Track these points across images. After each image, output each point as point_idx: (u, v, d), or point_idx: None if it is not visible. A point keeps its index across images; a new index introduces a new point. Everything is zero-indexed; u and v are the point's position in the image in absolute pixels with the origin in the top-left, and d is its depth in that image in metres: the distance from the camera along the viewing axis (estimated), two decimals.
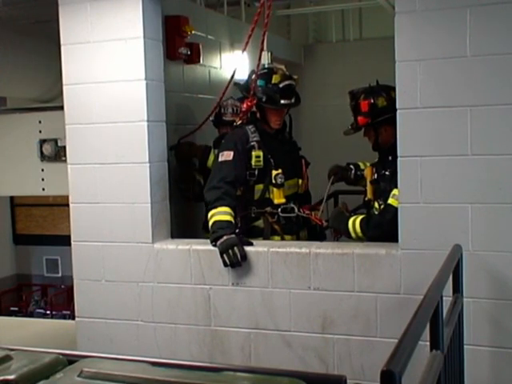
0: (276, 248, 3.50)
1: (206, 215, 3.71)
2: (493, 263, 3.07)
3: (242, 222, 3.81)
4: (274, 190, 3.83)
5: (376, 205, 3.68)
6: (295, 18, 8.62)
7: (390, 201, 3.48)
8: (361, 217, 3.64)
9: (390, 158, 3.61)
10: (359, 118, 3.68)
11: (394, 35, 3.17)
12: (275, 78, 3.88)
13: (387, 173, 3.62)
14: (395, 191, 3.43)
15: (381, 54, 5.48)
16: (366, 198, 3.84)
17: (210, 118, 4.32)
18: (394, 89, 3.33)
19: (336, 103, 6.71)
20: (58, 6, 3.82)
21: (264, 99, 3.85)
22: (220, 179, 3.67)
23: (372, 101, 3.63)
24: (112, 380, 1.86)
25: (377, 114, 3.63)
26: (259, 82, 3.86)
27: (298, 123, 5.94)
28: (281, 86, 3.86)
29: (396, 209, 3.38)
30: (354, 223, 3.61)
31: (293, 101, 3.91)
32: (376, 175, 3.75)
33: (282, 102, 3.87)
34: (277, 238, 3.86)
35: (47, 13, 4.16)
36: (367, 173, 3.83)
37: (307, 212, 3.90)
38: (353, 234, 3.62)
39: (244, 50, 3.88)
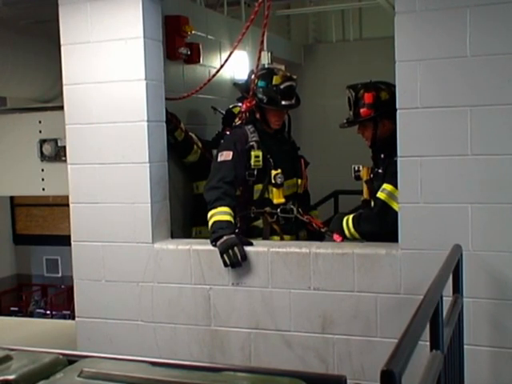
0: (276, 248, 3.50)
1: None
2: (493, 263, 3.07)
3: (241, 222, 3.81)
4: (274, 189, 3.83)
5: (373, 204, 3.69)
6: (295, 18, 8.62)
7: (379, 194, 3.48)
8: (353, 215, 3.64)
9: (383, 155, 3.62)
10: (362, 110, 3.65)
11: (394, 35, 3.17)
12: (276, 79, 3.88)
13: (380, 171, 3.62)
14: (386, 185, 3.43)
15: (381, 54, 5.49)
16: (363, 199, 3.84)
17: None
18: (393, 85, 3.33)
19: (336, 103, 6.71)
20: (58, 6, 3.82)
21: (265, 100, 3.85)
22: (219, 179, 3.66)
23: (376, 93, 3.64)
24: (112, 380, 1.86)
25: (380, 106, 3.63)
26: (260, 83, 3.86)
27: (297, 123, 5.95)
28: (282, 87, 3.86)
29: (384, 202, 3.40)
30: (348, 221, 3.60)
31: (293, 102, 3.91)
32: (371, 175, 3.76)
33: (283, 103, 3.87)
34: (276, 238, 3.86)
35: (47, 13, 4.15)
36: (363, 173, 3.83)
37: (307, 216, 3.90)
38: (347, 232, 3.61)
39: (235, 47, 3.86)
